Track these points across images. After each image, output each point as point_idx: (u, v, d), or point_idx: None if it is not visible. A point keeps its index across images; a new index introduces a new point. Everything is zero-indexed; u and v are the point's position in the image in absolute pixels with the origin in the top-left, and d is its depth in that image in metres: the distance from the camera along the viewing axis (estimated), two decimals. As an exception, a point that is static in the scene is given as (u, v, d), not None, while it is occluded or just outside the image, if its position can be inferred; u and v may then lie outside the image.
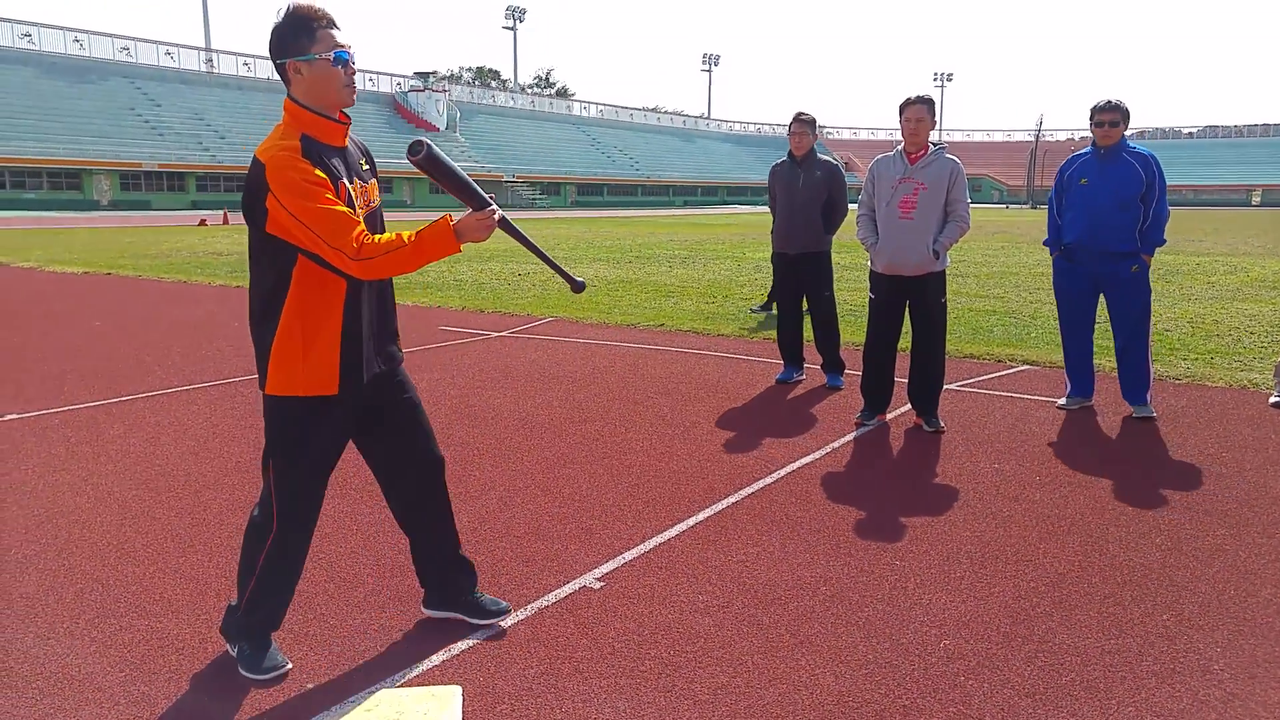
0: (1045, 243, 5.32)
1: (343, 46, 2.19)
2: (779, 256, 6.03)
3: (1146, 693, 2.31)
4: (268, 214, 2.11)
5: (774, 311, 4.67)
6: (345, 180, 2.20)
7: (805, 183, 5.78)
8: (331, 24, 2.19)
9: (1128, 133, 5.01)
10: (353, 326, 2.26)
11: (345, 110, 2.27)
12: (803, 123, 5.80)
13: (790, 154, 5.89)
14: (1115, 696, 2.29)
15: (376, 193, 2.37)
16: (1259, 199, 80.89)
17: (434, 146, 2.10)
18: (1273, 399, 5.39)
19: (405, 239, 2.11)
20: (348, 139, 2.31)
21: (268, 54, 2.22)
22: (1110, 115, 4.87)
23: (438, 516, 2.59)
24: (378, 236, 2.12)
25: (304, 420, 2.26)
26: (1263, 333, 7.88)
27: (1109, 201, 4.88)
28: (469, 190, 2.17)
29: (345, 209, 2.11)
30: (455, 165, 2.17)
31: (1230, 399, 5.53)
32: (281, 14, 2.17)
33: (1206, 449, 4.46)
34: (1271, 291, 11.10)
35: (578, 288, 2.37)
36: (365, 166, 2.34)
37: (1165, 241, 5.00)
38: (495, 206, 2.17)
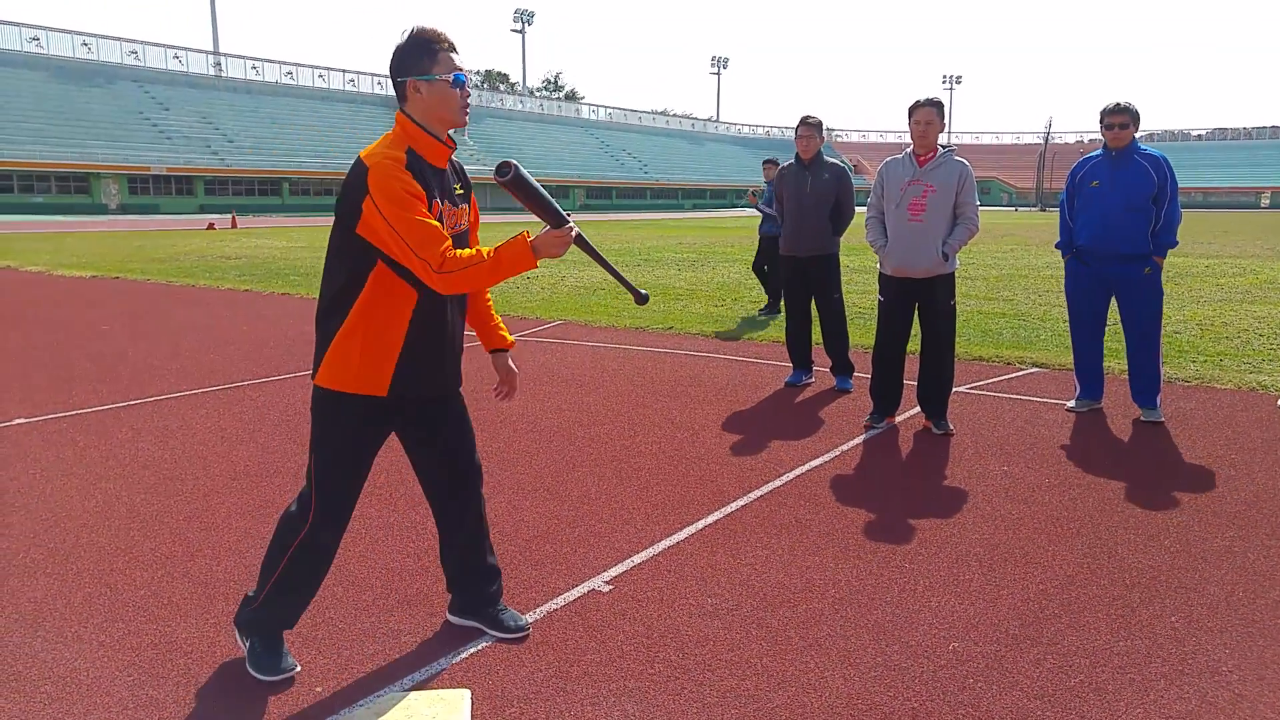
0: (1057, 245, 5.31)
1: (461, 70, 2.27)
2: (788, 259, 6.02)
3: (1155, 694, 2.30)
4: (361, 215, 2.18)
5: (780, 312, 4.61)
6: (438, 200, 2.27)
7: (813, 186, 5.78)
8: (452, 48, 2.28)
9: (1137, 135, 4.99)
10: (415, 339, 2.32)
11: (453, 135, 2.35)
12: (810, 126, 5.81)
13: (797, 157, 5.89)
14: (1123, 698, 2.28)
15: (465, 217, 2.43)
16: (1268, 201, 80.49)
17: (521, 168, 2.14)
18: (1283, 401, 5.36)
19: (485, 255, 2.18)
20: (448, 161, 2.37)
21: (387, 72, 2.30)
22: (1120, 118, 4.86)
23: (472, 522, 2.60)
24: (460, 252, 2.19)
25: (348, 416, 2.31)
26: (1271, 335, 7.83)
27: (1120, 204, 4.86)
28: (550, 208, 2.22)
29: (436, 223, 2.18)
30: (538, 184, 2.20)
31: (1239, 401, 5.50)
32: (406, 35, 2.27)
33: (1215, 451, 4.44)
34: (1281, 293, 11.03)
35: (641, 299, 2.41)
36: (459, 191, 2.40)
37: (1177, 243, 4.98)
38: (573, 224, 2.22)
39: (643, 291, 2.41)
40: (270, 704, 2.27)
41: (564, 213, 2.22)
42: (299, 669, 2.42)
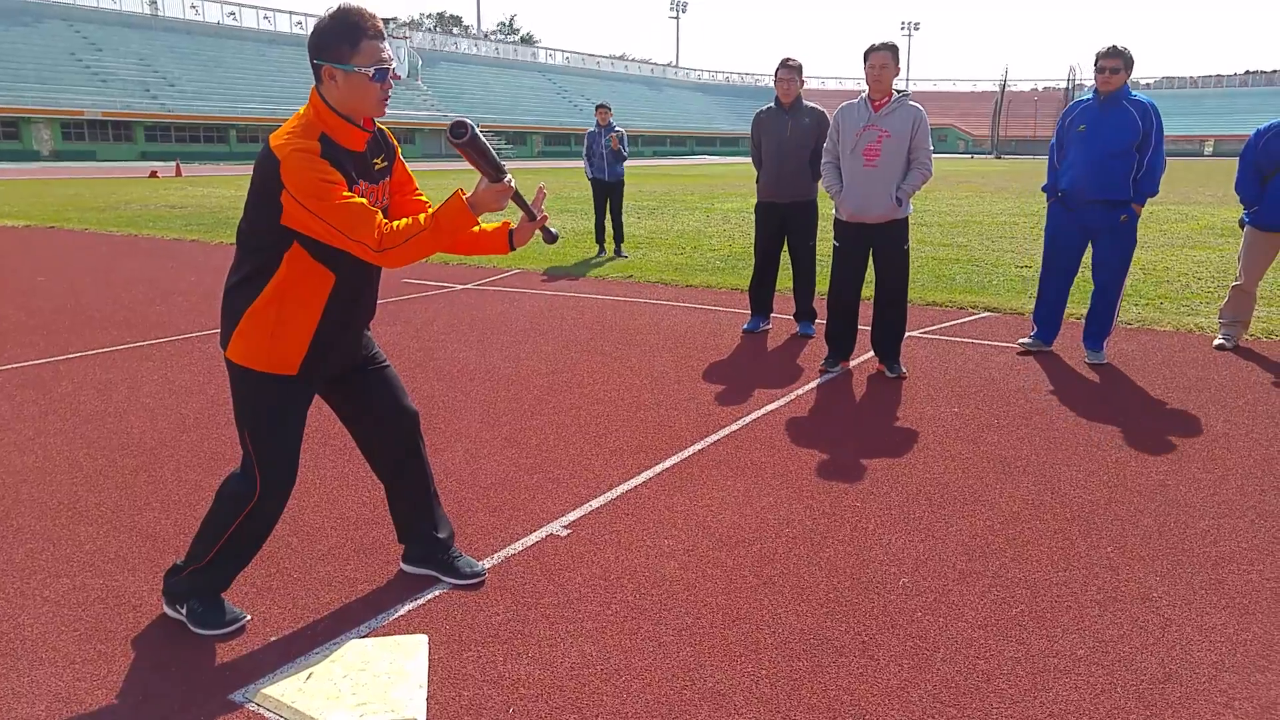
0: (1043, 188, 5.32)
1: (385, 63, 2.13)
2: (767, 206, 5.88)
3: (1089, 620, 2.40)
4: (283, 209, 2.09)
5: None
6: (358, 184, 2.18)
7: (794, 130, 5.65)
8: (379, 35, 2.11)
9: (1084, 83, 5.00)
10: (329, 319, 2.25)
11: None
12: (790, 69, 5.66)
13: (777, 100, 5.75)
14: (1060, 625, 2.38)
15: (387, 190, 2.33)
16: (1211, 149, 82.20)
17: (476, 128, 2.04)
18: (1216, 341, 5.54)
19: (423, 222, 2.11)
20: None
21: (306, 49, 2.14)
22: (1112, 61, 4.82)
23: (413, 470, 2.58)
24: (395, 223, 2.11)
25: (269, 390, 2.25)
26: (1210, 278, 8.07)
27: (1104, 148, 4.84)
28: (494, 164, 2.14)
29: (362, 201, 2.10)
30: (488, 143, 2.11)
31: (1178, 342, 5.67)
32: (329, 13, 2.10)
33: (1154, 390, 4.59)
34: (1219, 238, 11.35)
35: (550, 238, 2.33)
36: (380, 165, 2.29)
37: (1158, 191, 5.00)
38: (510, 176, 2.15)
39: (553, 230, 2.34)
40: (223, 654, 2.26)
41: (502, 165, 2.15)
42: (249, 618, 2.40)
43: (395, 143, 2.39)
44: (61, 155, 46.12)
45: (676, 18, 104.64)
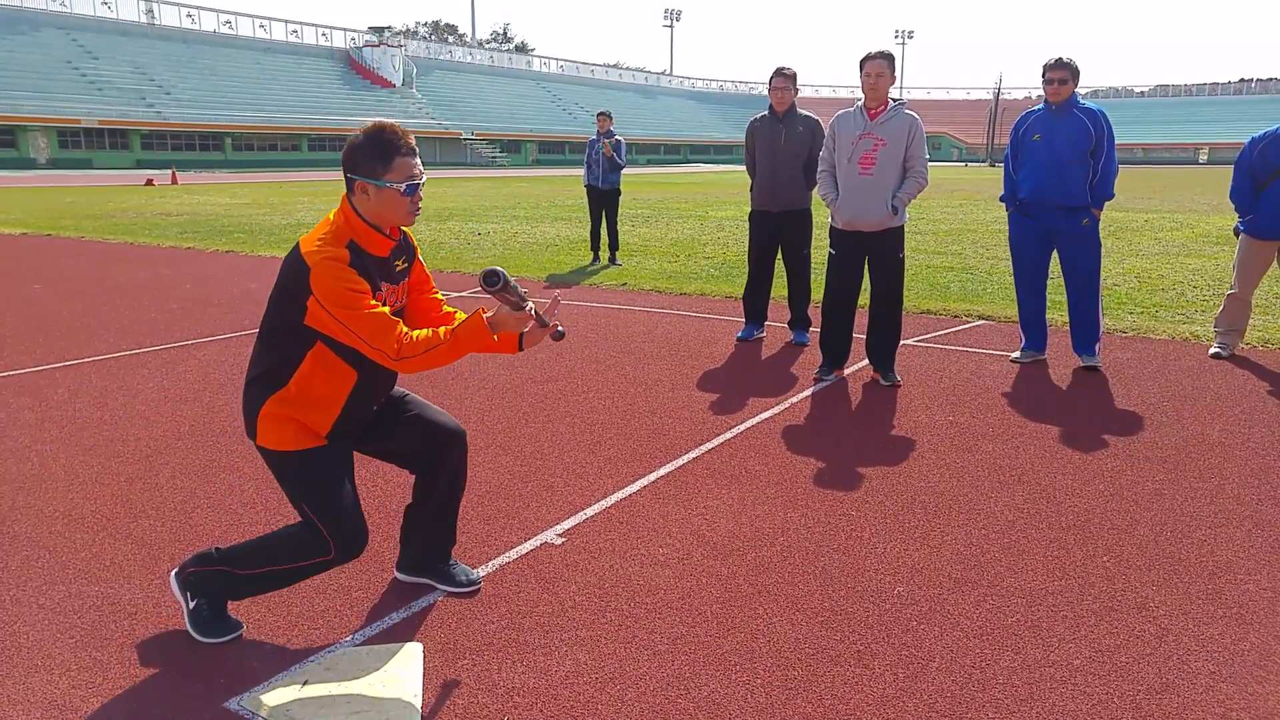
0: (1001, 198, 5.40)
1: (416, 178, 2.21)
2: (761, 215, 5.89)
3: (1086, 629, 2.40)
4: (307, 311, 2.16)
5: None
6: (381, 291, 2.25)
7: (788, 138, 5.67)
8: (411, 151, 2.20)
9: (1080, 91, 5.06)
10: (353, 403, 2.32)
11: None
12: (785, 77, 5.67)
13: (771, 109, 5.76)
14: (1056, 634, 2.38)
15: (404, 293, 2.41)
16: (1205, 156, 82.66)
17: (505, 274, 2.09)
18: (1212, 350, 5.57)
19: (442, 335, 2.17)
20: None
21: (340, 163, 2.24)
22: (1060, 73, 4.92)
23: (456, 486, 2.58)
24: (415, 334, 2.18)
25: (307, 461, 2.29)
26: (1205, 286, 8.10)
27: (1059, 156, 4.95)
28: (519, 299, 2.19)
29: (385, 311, 2.17)
30: (516, 283, 2.17)
31: (1173, 350, 5.70)
32: (364, 131, 2.19)
33: (1149, 399, 4.60)
34: (1214, 246, 11.40)
35: (558, 338, 2.39)
36: (401, 267, 2.36)
37: (1114, 195, 5.09)
38: (531, 305, 2.22)
39: (561, 330, 2.38)
40: (219, 662, 2.25)
41: (525, 296, 2.21)
42: (244, 627, 2.39)
43: (415, 244, 2.47)
44: (58, 163, 46.07)
45: (670, 26, 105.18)
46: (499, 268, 2.11)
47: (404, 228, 2.36)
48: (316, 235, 2.20)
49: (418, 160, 2.23)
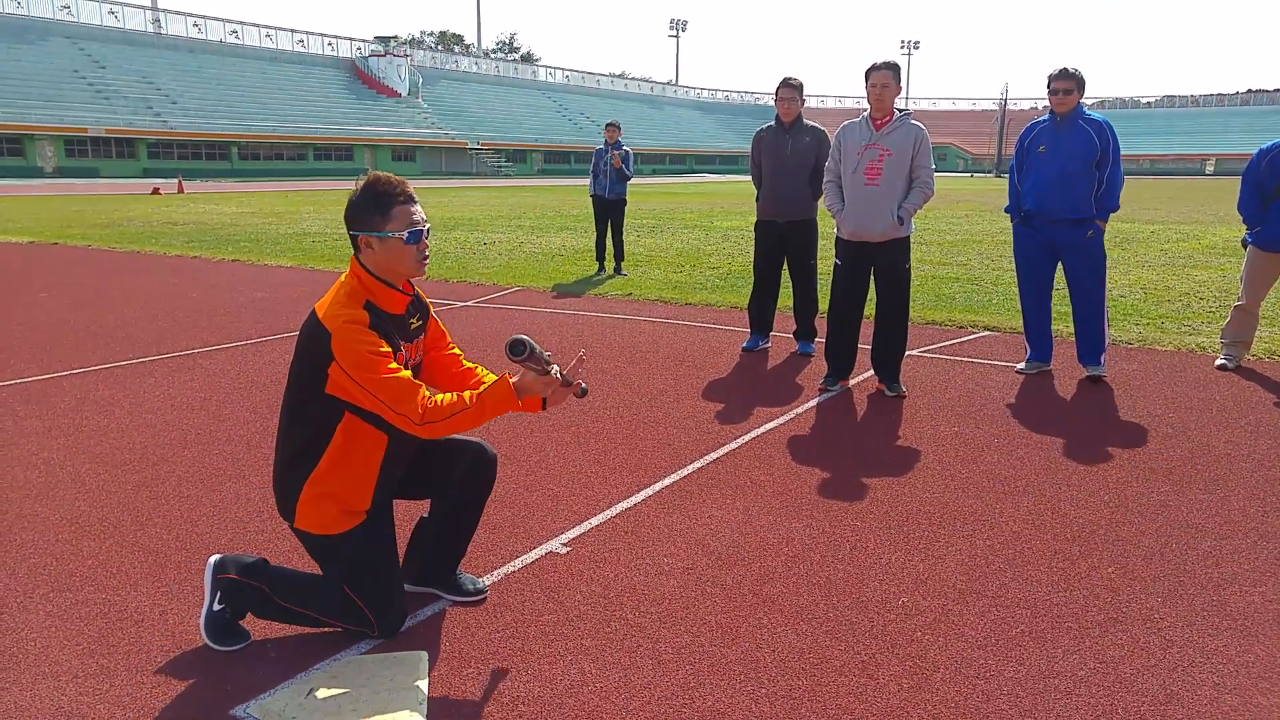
0: (1006, 209, 5.41)
1: (418, 225, 2.21)
2: (766, 225, 5.90)
3: (1091, 641, 2.40)
4: (329, 378, 2.16)
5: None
6: (401, 350, 2.26)
7: (794, 149, 5.69)
8: (409, 199, 2.21)
9: (1086, 101, 5.07)
10: (388, 467, 2.33)
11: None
12: (791, 88, 5.68)
13: (777, 119, 5.78)
14: (1061, 645, 2.38)
15: (420, 350, 2.43)
16: (1212, 168, 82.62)
17: (530, 342, 2.12)
18: (1218, 362, 5.56)
19: (468, 400, 2.17)
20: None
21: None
22: (1065, 84, 4.93)
23: (474, 513, 2.60)
24: (439, 398, 2.18)
25: (351, 543, 2.30)
26: (1211, 298, 8.09)
27: (1064, 168, 4.95)
28: (544, 365, 2.22)
29: (407, 374, 2.17)
30: (541, 349, 2.20)
31: (1179, 362, 5.69)
32: (360, 184, 2.20)
33: (1154, 410, 4.60)
34: (1221, 258, 11.39)
35: (581, 395, 2.41)
36: (416, 325, 2.38)
37: (1119, 207, 5.09)
38: (555, 367, 2.24)
39: (584, 387, 2.40)
40: (226, 669, 2.26)
41: (550, 361, 2.22)
42: (250, 638, 2.40)
43: (428, 301, 2.48)
44: (65, 172, 46.34)
45: (676, 36, 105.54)
46: (525, 336, 2.11)
47: (415, 281, 2.36)
48: (331, 300, 2.20)
49: (418, 207, 2.23)
